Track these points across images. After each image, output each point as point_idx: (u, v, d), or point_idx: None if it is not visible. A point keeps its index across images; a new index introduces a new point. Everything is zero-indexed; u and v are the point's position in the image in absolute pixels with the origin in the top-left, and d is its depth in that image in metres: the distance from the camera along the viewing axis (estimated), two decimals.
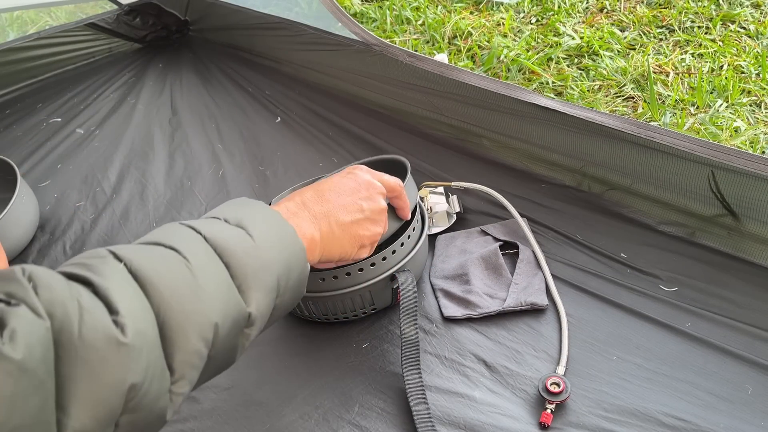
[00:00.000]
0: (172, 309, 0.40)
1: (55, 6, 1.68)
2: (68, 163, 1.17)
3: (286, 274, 0.49)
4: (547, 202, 0.89)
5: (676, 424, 0.60)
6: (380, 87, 1.12)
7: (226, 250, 0.45)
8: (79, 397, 0.35)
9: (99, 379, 0.35)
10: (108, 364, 0.36)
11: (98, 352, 0.35)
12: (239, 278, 0.45)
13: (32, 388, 0.33)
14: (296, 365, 0.72)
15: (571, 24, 1.49)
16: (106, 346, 0.36)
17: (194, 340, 0.41)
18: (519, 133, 0.94)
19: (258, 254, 0.47)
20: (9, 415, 0.31)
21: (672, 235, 0.81)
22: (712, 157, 0.73)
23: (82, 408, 0.35)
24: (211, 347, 0.42)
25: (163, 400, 0.40)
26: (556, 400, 0.62)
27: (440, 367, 0.69)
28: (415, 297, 0.68)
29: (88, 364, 0.35)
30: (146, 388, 0.38)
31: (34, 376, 0.33)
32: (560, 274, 0.78)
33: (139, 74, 1.45)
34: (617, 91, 1.27)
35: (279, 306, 0.49)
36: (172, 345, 0.40)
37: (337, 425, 0.65)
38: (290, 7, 1.42)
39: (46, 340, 0.34)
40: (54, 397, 0.34)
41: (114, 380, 0.36)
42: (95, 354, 0.35)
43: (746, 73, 1.24)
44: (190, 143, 1.17)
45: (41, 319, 0.34)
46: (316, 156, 1.08)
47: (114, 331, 0.36)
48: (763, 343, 0.66)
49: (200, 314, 0.42)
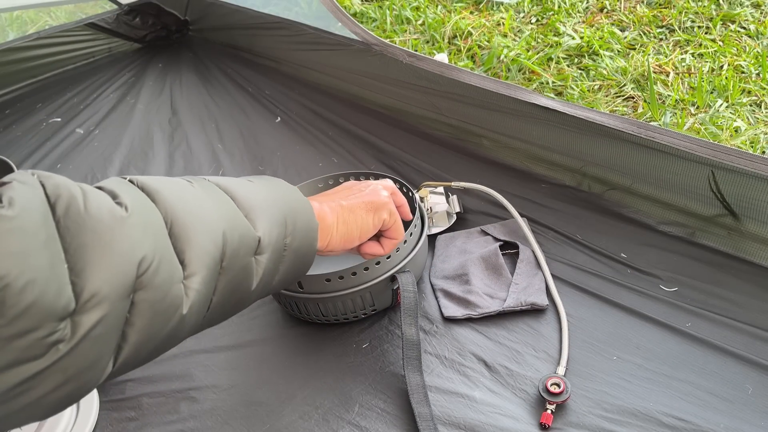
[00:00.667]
0: (177, 212, 0.42)
1: (54, 6, 1.68)
2: (68, 162, 1.17)
3: (292, 215, 0.50)
4: (547, 202, 0.89)
5: (676, 424, 0.60)
6: (380, 87, 1.12)
7: (228, 188, 0.48)
8: (92, 262, 0.36)
9: (109, 247, 0.37)
10: (115, 233, 0.37)
11: (105, 223, 0.37)
12: (244, 208, 0.47)
13: (39, 245, 0.34)
14: (296, 365, 0.72)
15: (571, 24, 1.49)
16: (112, 219, 0.38)
17: (202, 239, 0.42)
18: (519, 133, 0.94)
19: (258, 192, 0.49)
20: (21, 270, 0.33)
21: (672, 235, 0.81)
22: (712, 157, 0.73)
23: (95, 271, 0.36)
24: (222, 255, 0.44)
25: (177, 288, 0.41)
26: (556, 401, 0.62)
27: (440, 367, 0.69)
28: (415, 297, 0.68)
29: (96, 233, 0.37)
30: (156, 265, 0.39)
31: (38, 234, 0.34)
32: (560, 274, 0.78)
33: (139, 74, 1.45)
34: (617, 91, 1.27)
35: (291, 248, 0.50)
36: (181, 241, 0.42)
37: (337, 425, 0.65)
38: (290, 7, 1.42)
39: (44, 206, 0.36)
40: (63, 258, 0.35)
41: (123, 249, 0.37)
42: (102, 225, 0.37)
43: (746, 73, 1.24)
44: (190, 143, 1.17)
45: (38, 189, 0.36)
46: (316, 156, 1.08)
47: (117, 208, 0.39)
48: (763, 343, 0.66)
49: (207, 219, 0.43)
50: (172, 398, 0.70)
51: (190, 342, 0.77)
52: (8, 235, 0.33)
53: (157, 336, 0.41)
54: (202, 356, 0.75)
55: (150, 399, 0.71)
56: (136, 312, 0.38)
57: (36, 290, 0.33)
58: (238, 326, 0.78)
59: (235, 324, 0.78)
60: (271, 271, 0.49)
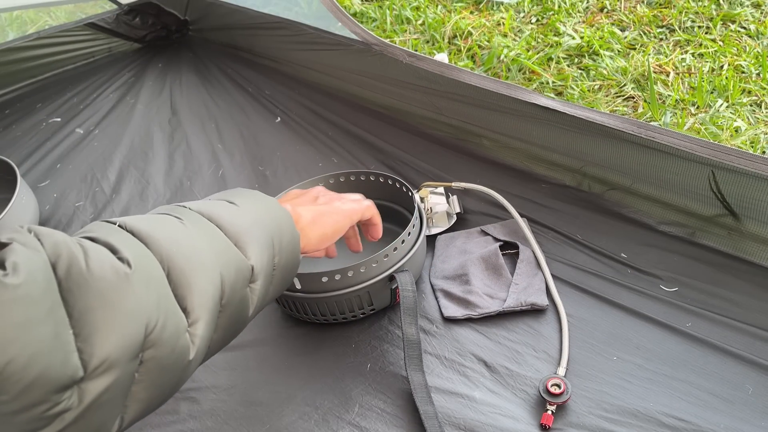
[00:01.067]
0: (173, 256, 0.41)
1: (54, 6, 1.68)
2: (68, 162, 1.17)
3: (278, 233, 0.51)
4: (547, 202, 0.89)
5: (677, 425, 0.60)
6: (380, 87, 1.12)
7: (213, 215, 0.47)
8: (98, 325, 0.35)
9: (114, 307, 0.36)
10: (120, 292, 0.36)
11: (109, 282, 0.36)
12: (233, 236, 0.47)
13: (43, 314, 0.33)
14: (296, 365, 0.72)
15: (571, 24, 1.49)
16: (116, 278, 0.37)
17: (202, 282, 0.42)
18: (519, 133, 0.94)
19: (244, 216, 0.49)
20: (26, 342, 0.32)
21: (672, 235, 0.81)
22: (712, 157, 0.73)
23: (104, 336, 0.35)
24: (222, 295, 0.44)
25: (183, 339, 0.40)
26: (556, 402, 0.62)
27: (440, 367, 0.69)
28: (414, 297, 0.68)
29: (101, 294, 0.36)
30: (163, 322, 0.38)
31: (42, 303, 0.33)
32: (560, 274, 0.78)
33: (139, 74, 1.45)
34: (617, 91, 1.27)
35: (279, 266, 0.51)
36: (181, 287, 0.41)
37: (337, 425, 0.65)
38: (290, 7, 1.42)
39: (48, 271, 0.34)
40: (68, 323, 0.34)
41: (129, 308, 0.36)
42: (106, 284, 0.36)
43: (746, 73, 1.24)
44: (190, 143, 1.17)
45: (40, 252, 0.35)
46: (316, 156, 1.08)
47: (119, 265, 0.37)
48: (763, 343, 0.66)
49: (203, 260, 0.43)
50: (172, 398, 0.70)
51: None
52: (12, 305, 0.32)
53: (166, 388, 0.40)
54: None
55: None
56: (145, 370, 0.38)
57: (41, 363, 0.32)
58: None
59: None
60: (264, 294, 0.50)
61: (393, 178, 0.84)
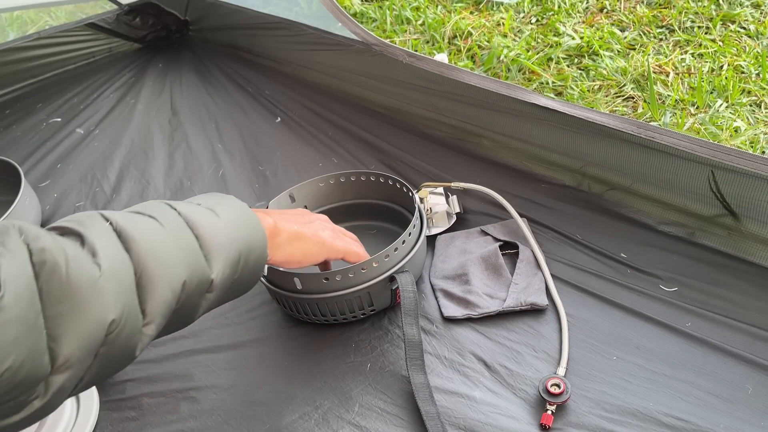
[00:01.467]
0: (148, 262, 0.46)
1: (55, 6, 1.68)
2: (68, 162, 1.17)
3: (246, 253, 0.54)
4: (547, 202, 0.89)
5: (676, 424, 0.60)
6: (380, 87, 1.12)
7: (196, 224, 0.51)
8: (68, 329, 0.40)
9: (84, 313, 0.41)
10: (92, 299, 0.41)
11: (83, 289, 0.41)
12: (206, 249, 0.51)
13: (30, 326, 0.38)
14: (296, 365, 0.72)
15: (571, 24, 1.49)
16: (89, 284, 0.41)
17: (165, 291, 0.46)
18: (519, 133, 0.94)
19: (223, 231, 0.53)
20: (16, 358, 0.37)
21: (672, 235, 0.81)
22: (712, 157, 0.73)
23: (70, 338, 0.40)
24: (177, 301, 0.48)
25: (136, 338, 0.45)
26: (556, 402, 0.62)
27: (440, 367, 0.69)
28: (415, 297, 0.69)
29: (74, 301, 0.40)
30: (122, 325, 0.43)
31: (29, 317, 0.38)
32: (560, 274, 0.78)
33: (139, 74, 1.45)
34: (617, 91, 1.27)
35: (237, 281, 0.55)
36: (147, 292, 0.45)
37: (337, 425, 0.65)
38: (290, 7, 1.42)
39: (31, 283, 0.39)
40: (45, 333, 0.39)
41: (97, 315, 0.41)
42: (81, 291, 0.41)
43: (746, 73, 1.24)
44: (190, 143, 1.17)
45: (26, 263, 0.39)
46: (316, 156, 1.08)
47: (94, 271, 0.42)
48: (763, 343, 0.66)
49: (172, 270, 0.47)
50: (172, 398, 0.70)
51: (189, 342, 0.77)
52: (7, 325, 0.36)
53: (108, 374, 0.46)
54: (201, 356, 0.75)
55: (150, 399, 0.71)
56: (97, 362, 0.42)
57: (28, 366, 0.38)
58: (237, 326, 0.78)
59: (235, 324, 0.78)
60: (215, 302, 0.53)
61: (393, 178, 0.84)
